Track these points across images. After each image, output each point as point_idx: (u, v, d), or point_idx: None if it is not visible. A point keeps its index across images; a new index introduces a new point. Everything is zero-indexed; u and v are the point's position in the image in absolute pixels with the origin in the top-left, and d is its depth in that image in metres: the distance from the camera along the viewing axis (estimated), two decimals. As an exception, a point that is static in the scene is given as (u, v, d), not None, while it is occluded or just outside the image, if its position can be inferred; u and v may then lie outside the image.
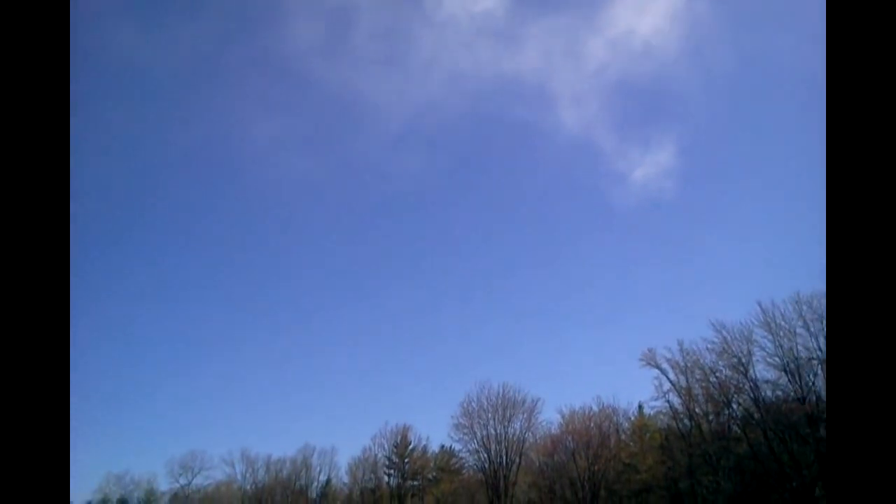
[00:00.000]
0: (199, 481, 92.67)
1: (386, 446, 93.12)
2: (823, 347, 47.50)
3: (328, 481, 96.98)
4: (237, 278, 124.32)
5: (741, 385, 53.15)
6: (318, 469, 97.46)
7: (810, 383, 48.27)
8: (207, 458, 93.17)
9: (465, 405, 74.92)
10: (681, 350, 58.43)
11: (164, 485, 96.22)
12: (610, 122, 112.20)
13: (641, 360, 60.17)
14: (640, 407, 67.43)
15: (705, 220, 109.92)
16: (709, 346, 55.30)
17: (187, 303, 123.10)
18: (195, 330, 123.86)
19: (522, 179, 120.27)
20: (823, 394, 47.49)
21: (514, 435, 73.08)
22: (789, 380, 49.24)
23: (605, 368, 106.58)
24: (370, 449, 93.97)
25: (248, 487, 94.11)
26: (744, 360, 52.48)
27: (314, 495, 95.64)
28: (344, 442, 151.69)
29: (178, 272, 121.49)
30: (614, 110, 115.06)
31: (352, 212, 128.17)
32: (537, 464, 70.44)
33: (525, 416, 73.70)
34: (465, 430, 74.94)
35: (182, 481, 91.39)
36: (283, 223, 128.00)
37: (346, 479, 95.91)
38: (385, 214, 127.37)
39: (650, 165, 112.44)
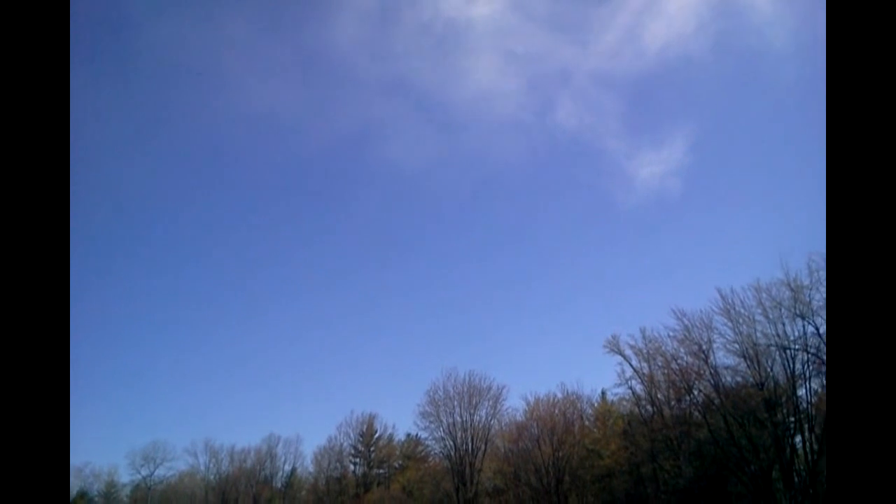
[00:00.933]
0: (161, 472, 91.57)
1: (351, 435, 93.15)
2: (781, 333, 48.61)
3: (293, 471, 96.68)
4: (200, 268, 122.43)
5: (702, 371, 54.10)
6: (283, 459, 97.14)
7: (768, 369, 49.32)
8: (170, 449, 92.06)
9: (431, 393, 75.14)
10: (643, 337, 59.29)
11: (125, 476, 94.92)
12: (590, 112, 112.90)
13: (605, 346, 60.93)
14: (604, 393, 68.40)
15: (670, 210, 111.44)
16: (670, 333, 56.16)
17: (149, 293, 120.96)
18: (156, 320, 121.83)
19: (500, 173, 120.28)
20: (781, 379, 48.65)
21: (479, 422, 73.56)
22: (748, 366, 50.21)
23: (570, 356, 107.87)
24: (335, 438, 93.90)
25: (212, 478, 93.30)
26: (704, 347, 53.39)
27: (279, 485, 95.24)
28: (309, 431, 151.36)
29: (139, 261, 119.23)
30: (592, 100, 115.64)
31: (317, 201, 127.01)
32: (503, 450, 70.99)
33: (491, 403, 74.24)
34: (431, 418, 75.22)
35: (144, 472, 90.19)
36: (248, 213, 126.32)
37: (311, 468, 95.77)
38: (354, 207, 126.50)
39: (648, 161, 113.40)
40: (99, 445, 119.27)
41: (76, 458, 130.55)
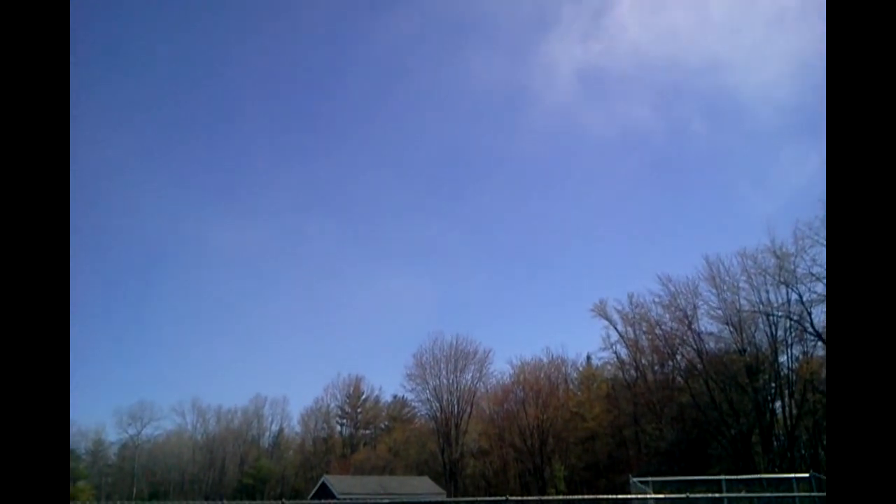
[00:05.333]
0: (148, 431, 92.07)
1: (338, 396, 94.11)
2: (765, 300, 49.31)
3: (280, 431, 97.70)
4: (190, 226, 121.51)
5: (685, 337, 54.94)
6: (270, 419, 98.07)
7: (751, 335, 50.13)
8: (157, 409, 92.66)
9: (417, 356, 75.77)
10: (630, 302, 60.02)
11: (112, 435, 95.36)
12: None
13: (592, 310, 61.66)
14: (589, 358, 69.37)
15: (662, 175, 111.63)
16: (656, 299, 56.89)
17: (139, 249, 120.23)
18: (143, 278, 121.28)
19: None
20: (763, 345, 49.51)
21: (465, 385, 74.43)
22: (731, 332, 51.01)
23: (555, 321, 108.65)
24: (322, 399, 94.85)
25: (199, 437, 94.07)
26: (689, 313, 54.15)
27: (266, 445, 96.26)
28: (296, 392, 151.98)
29: (125, 218, 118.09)
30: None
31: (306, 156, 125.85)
32: (488, 413, 72.00)
33: (477, 367, 75.02)
34: (418, 381, 76.00)
35: (131, 431, 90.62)
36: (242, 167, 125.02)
37: (298, 428, 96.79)
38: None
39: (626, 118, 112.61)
40: (85, 404, 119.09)
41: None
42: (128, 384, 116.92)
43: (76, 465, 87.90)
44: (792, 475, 24.35)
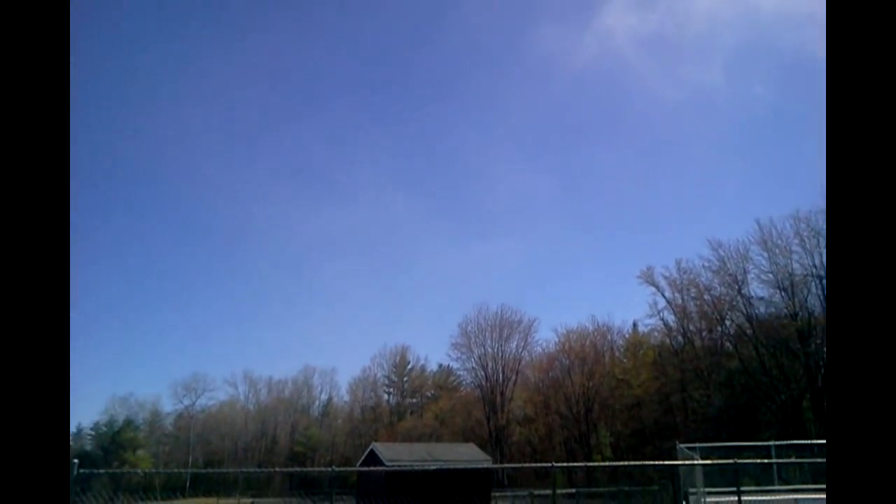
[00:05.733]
0: (202, 402, 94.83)
1: (385, 366, 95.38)
2: (818, 264, 47.94)
3: (329, 400, 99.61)
4: (237, 207, 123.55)
5: (735, 302, 53.89)
6: (319, 389, 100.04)
7: (803, 300, 48.90)
8: (210, 380, 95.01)
9: (463, 325, 76.24)
10: (678, 268, 59.07)
11: (168, 406, 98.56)
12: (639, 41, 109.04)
13: (639, 277, 60.93)
14: (635, 325, 68.66)
15: (709, 138, 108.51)
16: (705, 264, 55.81)
17: (188, 226, 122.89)
18: (195, 254, 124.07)
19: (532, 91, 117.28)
20: (816, 309, 48.25)
21: (510, 354, 74.74)
22: (782, 296, 49.84)
23: (601, 290, 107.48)
24: (370, 369, 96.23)
25: (252, 407, 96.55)
26: (739, 278, 53.01)
27: (316, 414, 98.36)
28: (343, 363, 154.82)
29: (181, 194, 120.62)
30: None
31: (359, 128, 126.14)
32: (533, 381, 72.18)
33: (522, 335, 75.16)
34: (463, 349, 76.57)
35: (186, 402, 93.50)
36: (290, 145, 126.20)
37: (346, 397, 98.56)
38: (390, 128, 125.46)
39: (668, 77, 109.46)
40: (141, 376, 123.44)
41: (120, 389, 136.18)
42: (181, 358, 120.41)
43: (135, 435, 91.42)
44: (845, 440, 23.73)
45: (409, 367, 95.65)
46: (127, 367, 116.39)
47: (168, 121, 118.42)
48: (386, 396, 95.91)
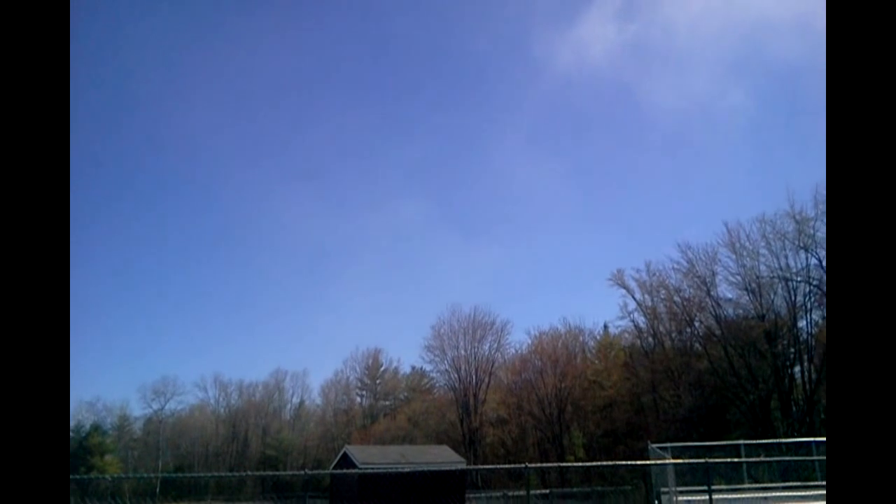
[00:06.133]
0: (172, 406, 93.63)
1: (357, 368, 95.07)
2: (784, 266, 48.88)
3: (301, 403, 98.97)
4: (208, 204, 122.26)
5: (704, 304, 54.70)
6: (291, 392, 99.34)
7: (770, 301, 49.83)
8: (179, 384, 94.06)
9: (436, 328, 76.29)
10: (648, 270, 59.79)
11: (136, 410, 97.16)
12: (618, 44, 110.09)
13: (610, 280, 61.52)
14: (606, 327, 69.31)
15: (681, 143, 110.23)
16: (674, 266, 56.60)
17: (157, 228, 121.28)
18: (163, 256, 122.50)
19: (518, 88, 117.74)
20: (782, 311, 49.18)
21: (483, 356, 74.93)
22: (750, 298, 50.72)
23: (573, 291, 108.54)
24: (342, 371, 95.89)
25: (222, 411, 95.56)
26: (707, 280, 53.85)
27: (288, 417, 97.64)
28: (315, 366, 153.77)
29: (152, 197, 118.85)
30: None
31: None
32: (506, 382, 72.45)
33: (495, 337, 75.41)
34: (436, 352, 76.60)
35: (155, 406, 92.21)
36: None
37: (318, 401, 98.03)
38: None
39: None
40: (109, 380, 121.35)
41: (86, 393, 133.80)
42: (150, 361, 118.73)
43: (103, 440, 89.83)
44: (811, 439, 24.32)
45: (382, 369, 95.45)
46: (93, 371, 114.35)
47: (160, 116, 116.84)
48: (359, 399, 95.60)
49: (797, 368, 48.51)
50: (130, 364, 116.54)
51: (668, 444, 21.35)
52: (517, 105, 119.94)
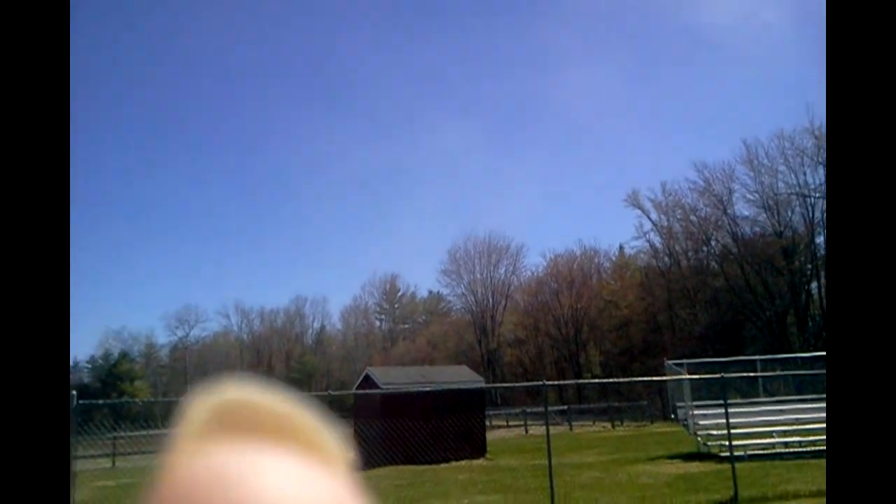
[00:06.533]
0: (196, 333, 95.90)
1: (376, 294, 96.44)
2: (802, 183, 48.33)
3: (322, 328, 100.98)
4: (227, 134, 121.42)
5: (720, 222, 54.53)
6: (312, 318, 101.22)
7: (787, 218, 49.53)
8: (202, 312, 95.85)
9: (452, 252, 76.90)
10: (664, 191, 59.40)
11: (161, 338, 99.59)
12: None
13: (625, 201, 61.39)
14: (621, 247, 69.44)
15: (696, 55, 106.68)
16: (691, 185, 56.19)
17: (175, 155, 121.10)
18: (182, 183, 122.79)
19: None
20: (799, 227, 48.94)
21: (499, 279, 75.70)
22: (767, 215, 50.46)
23: (588, 213, 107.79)
24: (360, 297, 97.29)
25: (245, 337, 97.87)
26: (724, 199, 53.51)
27: (310, 342, 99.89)
28: (334, 292, 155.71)
29: (173, 121, 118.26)
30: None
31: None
32: (522, 305, 73.36)
33: (510, 261, 75.98)
34: (453, 276, 77.50)
35: (179, 334, 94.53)
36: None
37: (339, 325, 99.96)
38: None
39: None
40: (132, 309, 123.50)
41: (114, 322, 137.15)
42: (172, 289, 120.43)
43: (132, 367, 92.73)
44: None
45: (400, 294, 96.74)
46: (117, 300, 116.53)
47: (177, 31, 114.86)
48: (378, 323, 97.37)
49: (814, 284, 48.64)
50: (154, 293, 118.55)
51: (684, 361, 21.72)
52: (525, 21, 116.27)
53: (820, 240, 48.48)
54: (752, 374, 19.95)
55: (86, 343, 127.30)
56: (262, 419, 0.25)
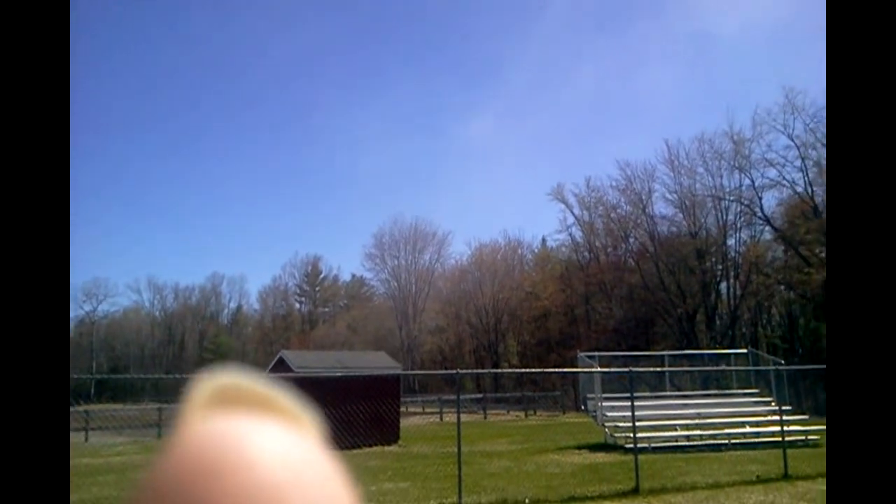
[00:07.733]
0: (104, 308, 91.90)
1: (296, 275, 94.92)
2: (718, 185, 50.24)
3: (239, 308, 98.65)
4: (146, 107, 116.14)
5: (639, 221, 56.15)
6: (228, 297, 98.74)
7: (702, 219, 51.44)
8: (112, 286, 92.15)
9: (377, 236, 76.35)
10: (587, 186, 60.64)
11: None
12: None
13: (550, 194, 62.32)
14: (544, 240, 70.67)
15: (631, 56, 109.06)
16: (613, 183, 57.61)
17: (93, 123, 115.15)
18: (94, 146, 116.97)
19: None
20: (713, 229, 50.92)
21: (424, 265, 75.76)
22: (684, 216, 52.25)
23: (514, 204, 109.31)
24: (280, 277, 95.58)
25: (157, 314, 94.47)
26: (644, 197, 55.09)
27: (225, 321, 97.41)
28: (253, 271, 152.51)
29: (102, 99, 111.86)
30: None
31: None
32: (445, 293, 73.66)
33: (435, 248, 76.15)
34: (377, 260, 77.00)
35: (87, 308, 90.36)
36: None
37: (256, 306, 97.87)
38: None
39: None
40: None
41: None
42: (80, 261, 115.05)
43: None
44: (731, 351, 25.68)
45: (322, 276, 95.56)
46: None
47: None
48: (297, 305, 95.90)
49: (723, 285, 50.76)
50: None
51: (597, 353, 22.19)
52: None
53: (731, 242, 50.63)
54: (659, 370, 20.56)
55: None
56: (253, 398, 0.30)
